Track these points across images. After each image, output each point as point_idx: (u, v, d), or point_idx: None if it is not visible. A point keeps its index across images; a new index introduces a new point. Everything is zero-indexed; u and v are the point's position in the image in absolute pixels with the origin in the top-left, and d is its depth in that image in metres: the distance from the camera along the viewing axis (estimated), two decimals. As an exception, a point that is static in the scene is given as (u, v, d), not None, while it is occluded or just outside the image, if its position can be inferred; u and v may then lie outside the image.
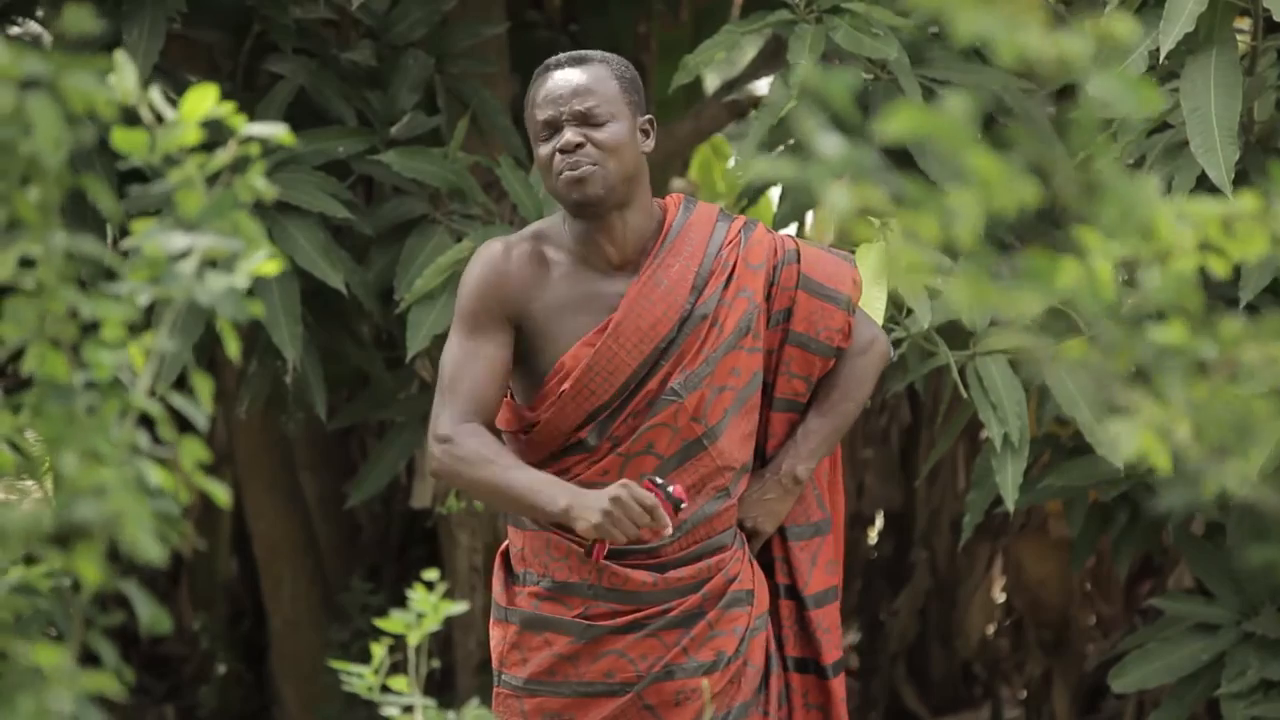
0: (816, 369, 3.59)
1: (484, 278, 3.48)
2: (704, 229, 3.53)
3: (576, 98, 3.43)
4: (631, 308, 3.46)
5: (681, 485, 3.40)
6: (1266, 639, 4.75)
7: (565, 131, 3.42)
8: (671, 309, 3.47)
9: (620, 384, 3.46)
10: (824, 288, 3.57)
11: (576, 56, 3.49)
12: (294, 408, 5.38)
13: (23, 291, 1.65)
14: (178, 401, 1.83)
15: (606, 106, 3.43)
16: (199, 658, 6.92)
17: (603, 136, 3.42)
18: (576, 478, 3.47)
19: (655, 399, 3.46)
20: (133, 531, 1.63)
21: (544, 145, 3.44)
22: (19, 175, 1.51)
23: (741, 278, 3.51)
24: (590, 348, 3.44)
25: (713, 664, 3.52)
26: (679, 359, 3.47)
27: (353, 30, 5.17)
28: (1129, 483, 4.90)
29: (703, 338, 3.47)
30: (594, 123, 3.43)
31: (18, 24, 5.00)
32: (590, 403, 3.46)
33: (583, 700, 3.52)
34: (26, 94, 1.52)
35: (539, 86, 3.47)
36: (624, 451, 3.46)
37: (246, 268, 1.72)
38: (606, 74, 3.46)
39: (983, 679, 6.85)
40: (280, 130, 1.79)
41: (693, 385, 3.46)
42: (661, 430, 3.46)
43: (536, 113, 3.45)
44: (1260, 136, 4.41)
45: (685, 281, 3.48)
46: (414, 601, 2.43)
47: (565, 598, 3.52)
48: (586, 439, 3.48)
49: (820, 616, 3.65)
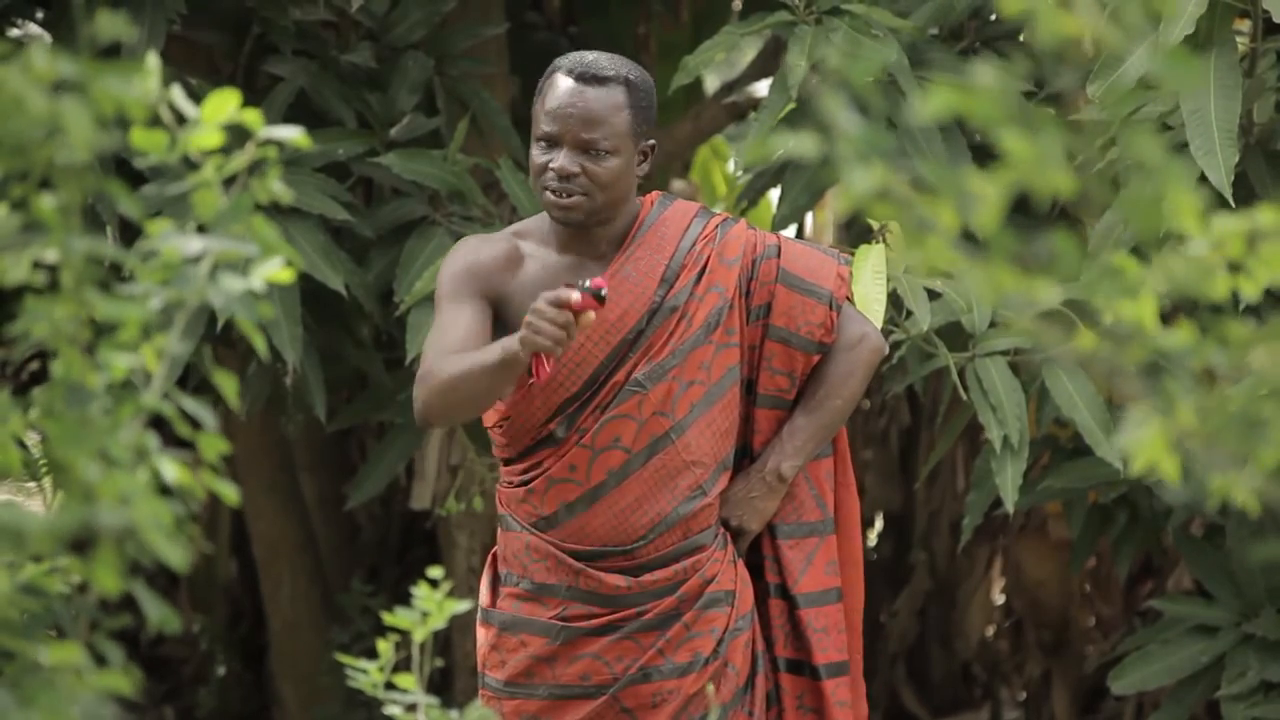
0: (799, 364, 3.58)
1: (460, 263, 3.48)
2: (679, 224, 3.52)
3: (584, 126, 3.38)
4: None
5: (650, 480, 3.42)
6: (1266, 640, 4.75)
7: (562, 155, 3.39)
8: (639, 301, 3.47)
9: (588, 375, 3.47)
10: (804, 282, 3.56)
11: (599, 72, 3.41)
12: (294, 409, 5.38)
13: (38, 292, 1.66)
14: (187, 403, 1.83)
15: (611, 141, 3.40)
16: (198, 659, 6.92)
17: (599, 171, 3.40)
18: (545, 471, 3.49)
19: (620, 390, 3.46)
20: (156, 539, 1.63)
21: (540, 152, 3.42)
22: (38, 178, 1.52)
23: (714, 272, 3.50)
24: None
25: (689, 665, 3.52)
26: (646, 351, 3.47)
27: (352, 32, 5.17)
28: (1128, 484, 4.91)
29: (671, 330, 3.47)
30: (594, 154, 3.39)
31: (17, 26, 4.99)
32: (559, 394, 3.47)
33: (559, 703, 3.53)
34: (58, 96, 1.53)
35: (552, 90, 3.42)
36: (589, 444, 3.47)
37: (262, 271, 1.72)
38: (622, 102, 3.40)
39: (982, 680, 6.86)
40: (295, 134, 1.80)
41: (657, 377, 3.46)
42: (626, 422, 3.46)
43: (541, 117, 3.42)
44: (1260, 138, 4.42)
45: (654, 274, 3.48)
46: (418, 600, 2.43)
47: (543, 599, 3.53)
48: (555, 431, 3.48)
49: (814, 616, 3.63)
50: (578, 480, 3.49)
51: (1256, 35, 4.29)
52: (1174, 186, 1.43)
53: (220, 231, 1.71)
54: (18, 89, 1.43)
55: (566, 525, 3.51)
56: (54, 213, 1.55)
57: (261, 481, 6.07)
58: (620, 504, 3.49)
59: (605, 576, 3.50)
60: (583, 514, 3.50)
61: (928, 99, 1.54)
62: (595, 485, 3.49)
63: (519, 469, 3.55)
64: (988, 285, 1.48)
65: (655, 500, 3.49)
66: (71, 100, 1.47)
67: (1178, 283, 1.51)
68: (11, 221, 1.61)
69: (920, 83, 4.57)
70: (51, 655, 1.80)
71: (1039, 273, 1.48)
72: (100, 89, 1.45)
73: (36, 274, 1.71)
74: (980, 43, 4.85)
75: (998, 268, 1.47)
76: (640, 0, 6.40)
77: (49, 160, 1.50)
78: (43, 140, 1.50)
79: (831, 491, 3.66)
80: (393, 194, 5.03)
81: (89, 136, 1.49)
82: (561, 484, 3.49)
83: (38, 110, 1.45)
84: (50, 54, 1.49)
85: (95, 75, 1.45)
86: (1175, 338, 1.58)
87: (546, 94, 3.43)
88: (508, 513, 3.58)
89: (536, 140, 3.43)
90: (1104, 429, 4.36)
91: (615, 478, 3.48)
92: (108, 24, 1.43)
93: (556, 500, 3.50)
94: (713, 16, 6.44)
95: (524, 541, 3.54)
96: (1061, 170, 1.45)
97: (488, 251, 3.49)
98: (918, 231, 1.53)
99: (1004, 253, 1.48)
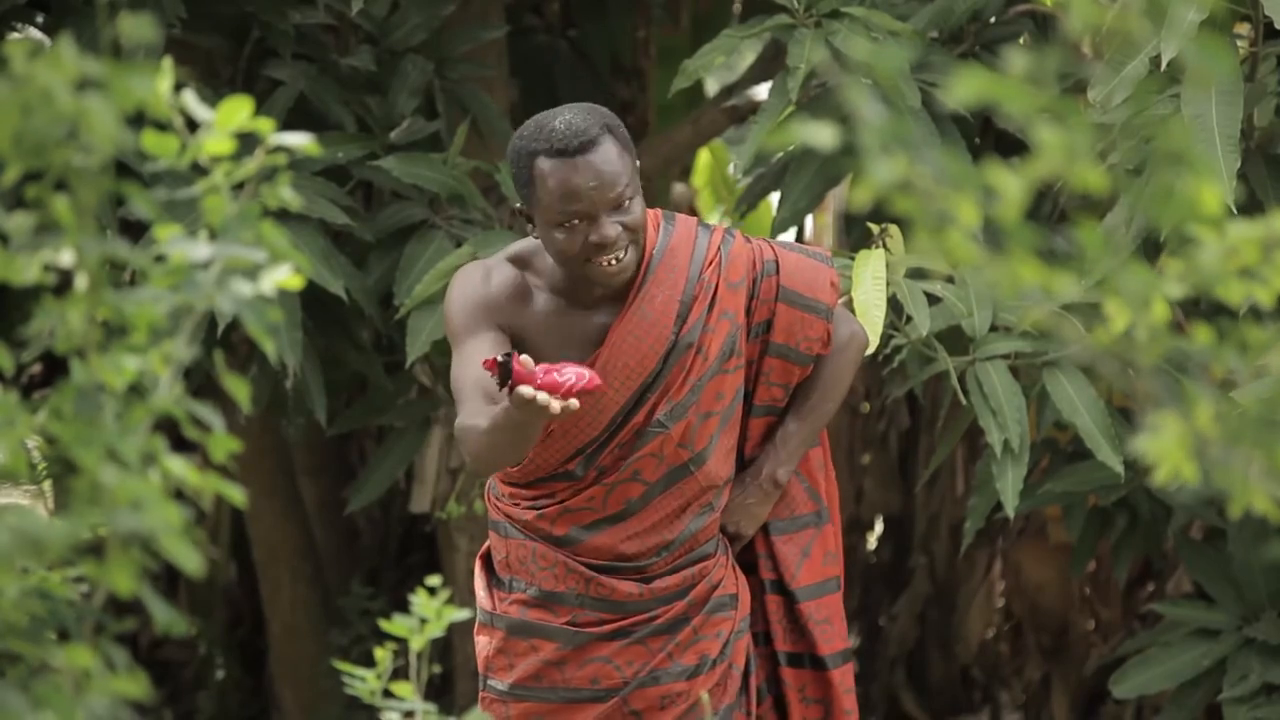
0: (795, 377, 3.58)
1: (468, 297, 3.43)
2: (685, 251, 3.47)
3: (609, 189, 3.31)
4: (618, 344, 3.42)
5: (667, 507, 3.42)
6: (1268, 644, 4.75)
7: (602, 225, 3.31)
8: (658, 342, 3.44)
9: (607, 420, 3.45)
10: (803, 298, 3.54)
11: (584, 138, 3.32)
12: (294, 413, 5.38)
13: (51, 293, 1.66)
14: (195, 406, 1.83)
15: (631, 187, 3.35)
16: (198, 663, 6.91)
17: (632, 219, 3.34)
18: (562, 503, 3.48)
19: (642, 430, 3.45)
20: (171, 543, 1.63)
21: (567, 234, 3.32)
22: (54, 179, 1.52)
23: (723, 300, 3.48)
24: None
25: (696, 668, 3.53)
26: (665, 390, 3.45)
27: (352, 36, 5.16)
28: (1128, 488, 4.91)
29: (688, 367, 3.45)
30: (623, 209, 3.34)
31: (18, 30, 4.99)
32: (578, 440, 3.45)
33: (569, 706, 3.53)
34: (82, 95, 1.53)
35: (553, 174, 3.31)
36: (610, 481, 3.46)
37: (271, 278, 1.72)
38: (616, 149, 3.34)
39: (982, 684, 6.85)
40: (304, 140, 1.79)
41: (679, 415, 3.45)
42: (648, 460, 3.46)
43: (558, 204, 3.31)
44: (1260, 143, 4.42)
45: (669, 312, 3.44)
46: (416, 606, 2.43)
47: (553, 605, 3.53)
48: (574, 470, 3.47)
49: (815, 608, 3.65)
50: (594, 509, 3.48)
51: (1257, 39, 4.30)
52: (1204, 178, 1.43)
53: (229, 237, 1.70)
54: (46, 85, 1.43)
55: (578, 544, 3.50)
56: (70, 214, 1.55)
57: (261, 485, 6.06)
58: (635, 529, 3.49)
59: (618, 584, 3.50)
60: (594, 536, 3.50)
61: (959, 83, 1.54)
62: (612, 514, 3.49)
63: (529, 495, 3.53)
64: (1007, 279, 1.48)
65: (670, 523, 3.50)
66: (96, 98, 1.46)
67: (1193, 286, 1.51)
68: (26, 222, 1.61)
69: (920, 87, 4.57)
70: (64, 659, 1.80)
71: (1057, 268, 1.48)
72: (122, 89, 1.45)
73: (47, 275, 1.71)
74: (980, 46, 4.86)
75: (1018, 261, 1.47)
76: (640, 4, 6.40)
77: (66, 161, 1.50)
78: (62, 140, 1.50)
79: (823, 481, 3.67)
80: (392, 198, 5.03)
81: (114, 134, 1.48)
82: (577, 513, 3.49)
83: (64, 107, 1.45)
84: (75, 53, 1.49)
85: (118, 75, 1.45)
86: (1194, 340, 1.58)
87: (545, 182, 3.33)
88: (506, 521, 3.56)
89: (556, 226, 3.33)
90: (1104, 433, 4.36)
91: (634, 506, 3.48)
92: (130, 26, 1.43)
93: (569, 524, 3.50)
94: (712, 20, 6.44)
95: (530, 549, 3.52)
96: (1092, 163, 1.45)
97: (496, 281, 3.44)
98: (937, 225, 1.52)
99: (1025, 246, 1.48)
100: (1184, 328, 4.43)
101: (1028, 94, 1.48)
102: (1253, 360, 1.51)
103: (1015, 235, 1.47)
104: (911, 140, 1.50)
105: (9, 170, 1.63)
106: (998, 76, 1.52)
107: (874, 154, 1.49)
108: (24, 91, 1.46)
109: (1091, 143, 1.51)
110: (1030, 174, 1.45)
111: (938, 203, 1.49)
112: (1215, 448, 1.48)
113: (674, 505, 3.48)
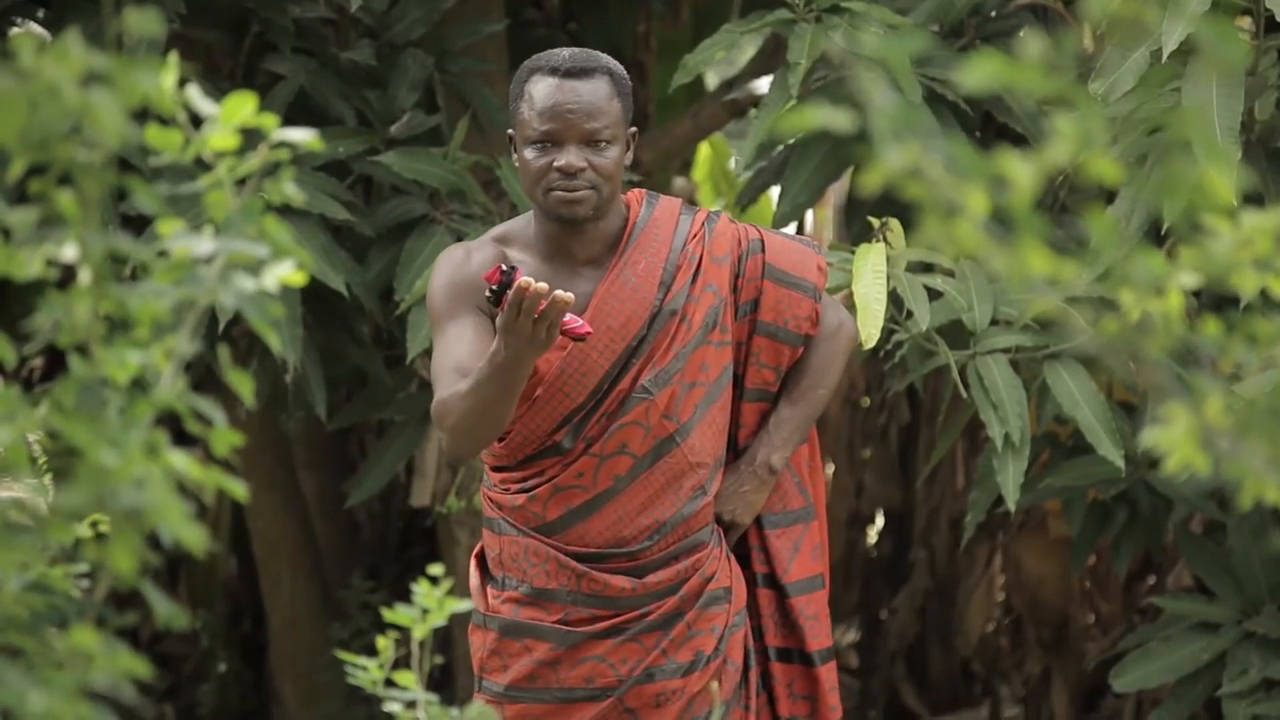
0: (785, 358, 3.58)
1: (450, 279, 3.44)
2: (668, 224, 3.51)
3: (586, 118, 3.36)
4: (601, 307, 3.44)
5: (655, 483, 3.42)
6: (1268, 638, 4.75)
7: (568, 152, 3.36)
8: (641, 306, 3.46)
9: (594, 385, 3.45)
10: (790, 276, 3.56)
11: (582, 65, 3.39)
12: (294, 407, 5.38)
13: (54, 287, 1.66)
14: (197, 401, 1.83)
15: (611, 130, 3.38)
16: (198, 656, 6.91)
17: (603, 162, 3.38)
18: (551, 480, 3.47)
19: (627, 397, 3.45)
20: (172, 520, 1.63)
21: (537, 154, 3.38)
22: (59, 173, 1.52)
23: (707, 272, 3.50)
24: (561, 351, 3.42)
25: (692, 664, 3.53)
26: (649, 356, 3.46)
27: (352, 30, 5.16)
28: (1128, 481, 4.91)
29: (672, 334, 3.46)
30: (597, 145, 3.37)
31: (18, 25, 4.99)
32: (564, 406, 3.45)
33: (564, 706, 3.52)
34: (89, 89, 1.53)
35: (541, 89, 3.38)
36: (597, 452, 3.46)
37: (275, 273, 1.72)
38: (611, 91, 3.40)
39: (982, 677, 6.86)
40: (308, 136, 1.79)
41: (663, 382, 3.45)
42: (634, 429, 3.45)
43: (535, 119, 3.37)
44: (1261, 136, 4.42)
45: (653, 278, 3.46)
46: (418, 597, 2.43)
47: (545, 603, 3.52)
48: (561, 441, 3.46)
49: (804, 603, 3.65)
50: (584, 486, 3.48)
51: (1258, 33, 4.30)
52: (1216, 166, 1.43)
53: (232, 232, 1.70)
54: (53, 78, 1.43)
55: (569, 530, 3.50)
56: (74, 208, 1.55)
57: (261, 479, 6.06)
58: (625, 508, 3.49)
59: (610, 579, 3.49)
60: (587, 518, 3.49)
61: (972, 68, 1.53)
62: (601, 491, 3.48)
63: (518, 476, 3.52)
64: (1015, 269, 1.48)
65: (660, 503, 3.49)
66: (102, 91, 1.46)
67: (1206, 275, 1.51)
68: (30, 216, 1.61)
69: (921, 81, 4.57)
70: (68, 641, 1.80)
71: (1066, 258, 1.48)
72: (127, 84, 1.45)
73: (50, 270, 1.71)
74: (980, 40, 4.86)
75: (1028, 249, 1.47)
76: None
77: (70, 155, 1.51)
78: (67, 134, 1.50)
79: (810, 476, 3.68)
80: (393, 192, 5.03)
81: (120, 129, 1.49)
82: (567, 490, 3.48)
83: (71, 101, 1.45)
84: (82, 47, 1.50)
85: (123, 70, 1.45)
86: (1203, 332, 1.57)
87: (531, 97, 3.39)
88: (499, 517, 3.56)
89: (530, 144, 3.38)
90: (1105, 427, 4.36)
91: (622, 482, 3.48)
92: (137, 21, 1.43)
93: (561, 506, 3.49)
94: (713, 14, 6.43)
95: (522, 545, 3.52)
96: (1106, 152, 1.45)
97: (478, 261, 3.45)
98: (946, 213, 1.52)
99: (1034, 234, 1.47)
100: (1190, 319, 4.43)
101: (1043, 79, 1.47)
102: (1262, 352, 1.51)
103: (1025, 223, 1.47)
104: (923, 128, 1.50)
105: (14, 164, 1.63)
106: (1012, 61, 1.52)
107: (885, 139, 1.48)
108: (31, 86, 1.47)
109: (1105, 131, 1.51)
110: (1042, 162, 1.45)
111: (947, 191, 1.48)
112: (1224, 439, 1.48)
113: (662, 481, 3.47)
